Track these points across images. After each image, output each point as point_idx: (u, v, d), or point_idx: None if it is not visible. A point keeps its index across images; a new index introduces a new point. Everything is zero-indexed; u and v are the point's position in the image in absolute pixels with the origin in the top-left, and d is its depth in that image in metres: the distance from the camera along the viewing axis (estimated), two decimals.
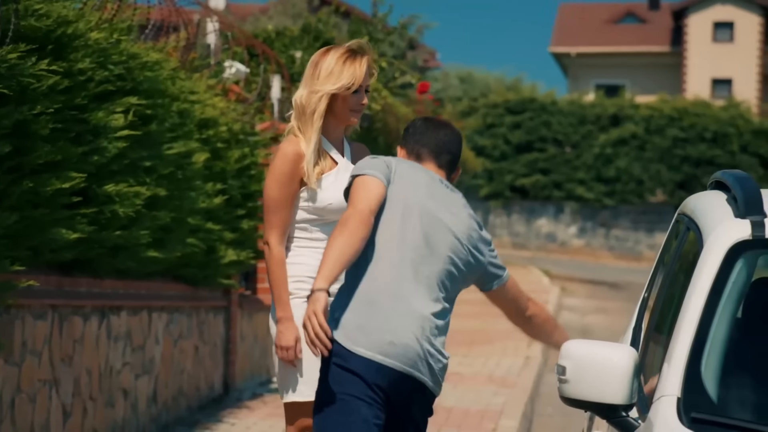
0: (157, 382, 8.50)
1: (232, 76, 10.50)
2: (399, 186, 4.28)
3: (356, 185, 4.25)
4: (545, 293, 23.39)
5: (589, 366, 3.76)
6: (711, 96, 45.67)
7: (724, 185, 4.28)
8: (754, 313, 4.01)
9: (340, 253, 4.04)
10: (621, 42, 49.46)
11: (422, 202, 4.27)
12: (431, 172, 4.41)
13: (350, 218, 4.11)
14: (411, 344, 4.13)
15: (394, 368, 4.11)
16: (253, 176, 10.15)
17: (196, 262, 9.05)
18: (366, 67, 4.78)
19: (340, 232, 4.07)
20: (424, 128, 4.51)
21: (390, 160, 4.36)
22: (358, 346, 4.09)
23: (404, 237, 4.21)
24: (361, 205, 4.16)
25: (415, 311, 4.16)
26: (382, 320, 4.12)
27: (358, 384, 4.08)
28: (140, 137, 7.16)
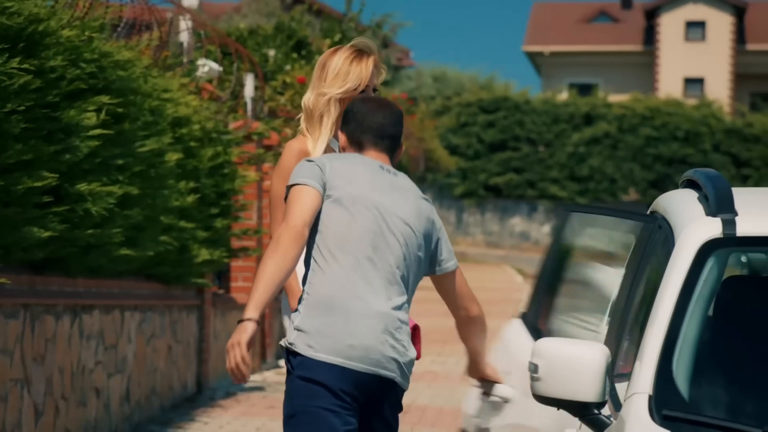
0: (129, 381, 8.48)
1: (205, 75, 10.48)
2: (339, 185, 4.19)
3: (290, 197, 4.16)
4: (518, 292, 23.44)
5: (561, 364, 3.76)
6: (683, 95, 45.88)
7: (696, 184, 4.29)
8: (725, 310, 4.02)
9: (270, 278, 3.98)
10: (594, 41, 49.62)
11: (367, 196, 4.20)
12: (370, 160, 4.30)
13: (282, 236, 4.04)
14: (373, 344, 4.09)
15: (357, 370, 4.08)
16: (227, 175, 10.13)
17: (169, 261, 9.03)
18: (372, 66, 4.71)
19: (273, 253, 4.01)
20: (363, 113, 4.38)
21: (323, 162, 4.24)
22: (318, 353, 4.06)
23: (354, 235, 4.15)
24: (295, 220, 4.08)
25: (373, 310, 4.12)
26: (341, 324, 4.08)
27: (324, 394, 4.04)
28: (112, 136, 7.14)
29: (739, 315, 3.95)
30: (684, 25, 47.73)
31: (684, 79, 47.63)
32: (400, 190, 4.29)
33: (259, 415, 9.53)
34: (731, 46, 47.58)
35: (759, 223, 3.87)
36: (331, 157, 4.30)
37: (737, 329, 3.92)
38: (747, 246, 3.91)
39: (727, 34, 47.56)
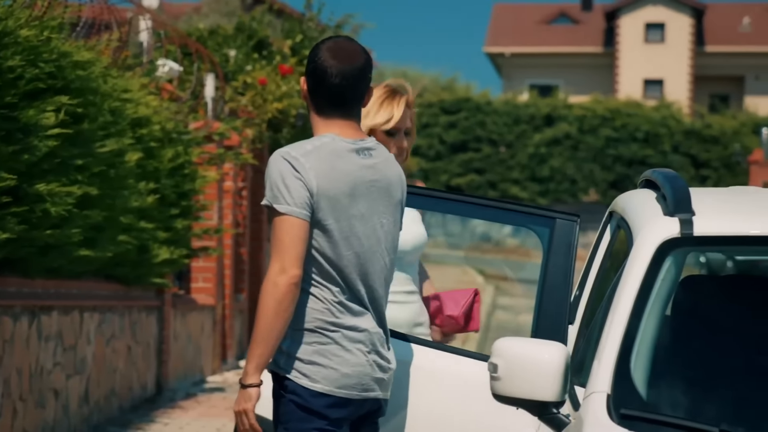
0: (88, 383, 8.44)
1: (165, 75, 10.44)
2: (325, 207, 3.94)
3: (284, 230, 3.87)
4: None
5: (520, 363, 3.77)
6: (643, 96, 46.15)
7: (654, 184, 4.32)
8: (682, 310, 4.05)
9: (271, 335, 3.86)
10: (554, 42, 49.82)
11: (352, 213, 3.99)
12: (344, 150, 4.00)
13: (280, 286, 3.83)
14: (363, 369, 4.04)
15: (351, 398, 4.06)
16: (187, 175, 10.10)
17: (129, 262, 8.99)
18: (404, 106, 4.58)
19: (272, 307, 3.83)
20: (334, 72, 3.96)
21: (309, 176, 3.90)
22: (314, 384, 4.02)
23: (343, 262, 3.99)
24: (294, 268, 3.86)
25: (360, 333, 4.10)
26: (335, 352, 4.02)
27: (318, 421, 4.00)
28: (72, 136, 7.10)
29: (696, 314, 3.98)
30: (644, 27, 47.99)
31: (644, 81, 47.90)
32: (377, 172, 4.05)
33: (220, 416, 9.51)
34: (690, 47, 47.87)
35: (716, 222, 3.90)
36: (317, 163, 3.93)
37: (695, 328, 3.95)
38: (704, 245, 3.94)
39: (687, 35, 47.86)
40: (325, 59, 3.98)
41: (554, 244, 4.46)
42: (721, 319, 3.93)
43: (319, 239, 3.97)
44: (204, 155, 10.86)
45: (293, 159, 3.90)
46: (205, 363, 11.84)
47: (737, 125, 41.73)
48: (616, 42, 48.17)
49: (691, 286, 4.08)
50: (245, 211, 13.47)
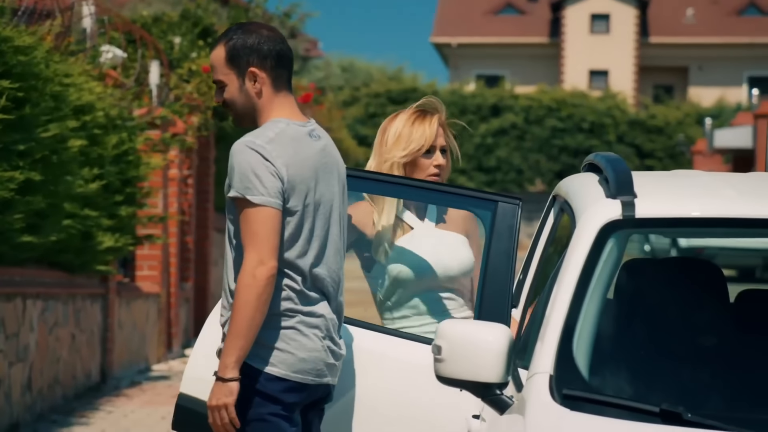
0: (31, 370, 8.37)
1: (108, 61, 10.36)
2: (294, 194, 3.93)
3: (259, 221, 3.83)
4: None
5: (463, 345, 3.78)
6: (588, 87, 46.41)
7: (597, 167, 4.34)
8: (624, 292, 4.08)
9: (252, 332, 3.84)
10: (501, 33, 49.96)
11: (312, 193, 3.98)
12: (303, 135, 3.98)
13: (259, 278, 3.82)
14: (319, 355, 4.04)
15: (307, 383, 4.06)
16: (131, 162, 10.03)
17: (73, 248, 8.92)
18: (437, 125, 4.48)
19: (252, 300, 3.80)
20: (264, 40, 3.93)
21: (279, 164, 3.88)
22: (271, 368, 3.99)
23: (307, 246, 3.98)
24: (271, 259, 3.84)
25: (317, 319, 4.06)
26: (290, 337, 4.00)
27: (273, 406, 3.99)
28: (13, 121, 7.03)
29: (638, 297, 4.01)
30: (589, 18, 48.24)
31: (589, 71, 48.16)
32: (330, 164, 4.05)
33: (165, 404, 9.47)
34: (635, 38, 48.19)
35: (658, 204, 3.93)
36: (283, 150, 3.91)
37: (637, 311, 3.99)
38: (646, 227, 3.97)
39: (631, 26, 48.17)
40: (277, 40, 3.97)
41: (496, 227, 4.47)
42: (662, 301, 3.97)
43: (287, 228, 3.93)
44: (149, 141, 10.79)
45: (260, 148, 3.86)
46: (150, 351, 11.78)
47: (681, 116, 42.09)
48: (561, 33, 48.39)
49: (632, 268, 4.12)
50: (191, 199, 13.41)
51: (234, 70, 3.90)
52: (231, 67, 3.90)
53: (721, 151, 30.93)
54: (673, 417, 3.40)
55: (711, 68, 48.68)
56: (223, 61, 3.89)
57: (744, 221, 3.83)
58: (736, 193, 4.07)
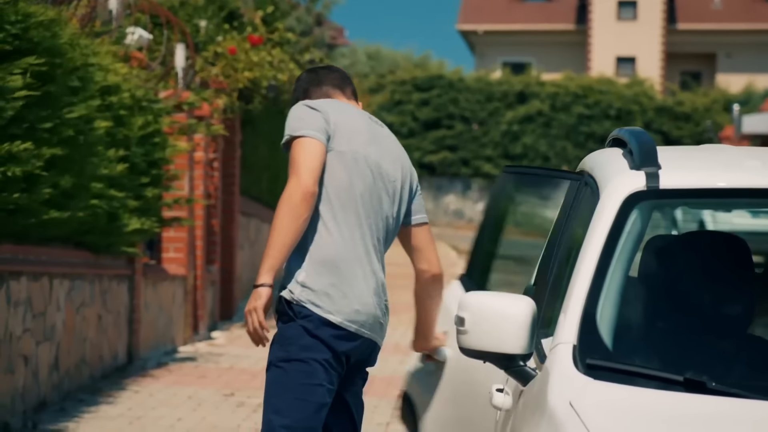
0: (59, 350, 8.41)
1: (134, 43, 10.38)
2: (341, 138, 4.14)
3: (298, 149, 4.07)
4: (452, 267, 23.53)
5: (487, 316, 3.79)
6: (615, 74, 46.20)
7: (622, 142, 4.34)
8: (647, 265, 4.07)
9: (284, 242, 3.99)
10: (527, 20, 49.79)
11: (366, 152, 4.17)
12: (361, 111, 4.29)
13: (295, 196, 4.00)
14: (373, 311, 4.15)
15: (360, 335, 4.12)
16: (157, 144, 10.05)
17: (99, 229, 8.95)
18: None
19: (288, 214, 3.98)
20: (315, 74, 4.40)
21: (327, 110, 4.15)
22: (327, 314, 4.08)
23: (355, 195, 4.14)
24: (306, 178, 4.02)
25: (373, 275, 4.18)
26: (348, 287, 4.10)
27: (323, 351, 4.08)
28: (39, 98, 7.04)
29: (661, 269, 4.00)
30: (616, 4, 48.02)
31: (616, 58, 47.95)
32: (388, 142, 4.28)
33: (191, 385, 9.51)
34: (662, 25, 47.95)
35: (682, 176, 3.92)
36: (331, 106, 4.20)
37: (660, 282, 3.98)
38: (670, 198, 3.95)
39: (659, 13, 47.93)
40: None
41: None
42: (685, 273, 3.96)
43: (335, 169, 4.12)
44: (174, 125, 10.81)
45: (309, 102, 4.18)
46: (176, 333, 11.82)
47: (709, 102, 41.86)
48: (588, 19, 48.18)
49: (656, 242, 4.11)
50: (216, 182, 13.44)
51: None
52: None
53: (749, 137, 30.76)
54: (697, 386, 3.40)
55: (739, 54, 48.41)
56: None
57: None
58: (761, 164, 4.05)
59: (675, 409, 3.32)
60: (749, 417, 3.27)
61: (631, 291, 3.81)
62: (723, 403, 3.34)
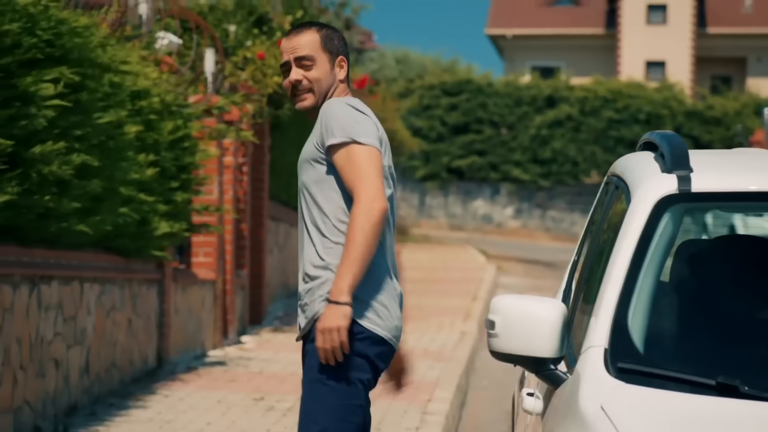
0: (89, 354, 8.44)
1: (164, 48, 10.41)
2: (385, 152, 4.13)
3: (367, 159, 4.00)
4: (481, 271, 23.49)
5: (517, 320, 3.78)
6: (645, 78, 46.05)
7: (653, 145, 4.32)
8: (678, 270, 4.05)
9: (367, 258, 3.93)
10: (556, 24, 49.71)
11: (388, 164, 4.18)
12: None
13: (375, 213, 3.94)
14: (401, 325, 4.16)
15: (395, 350, 4.14)
16: (187, 148, 10.08)
17: (129, 234, 8.98)
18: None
19: (369, 231, 3.92)
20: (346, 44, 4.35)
21: (373, 118, 4.14)
22: (379, 330, 4.06)
23: (392, 209, 4.15)
24: (382, 195, 3.98)
25: (399, 288, 4.18)
26: (389, 302, 4.09)
27: (367, 371, 4.05)
28: (70, 106, 7.08)
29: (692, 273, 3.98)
30: (645, 8, 47.88)
31: (645, 62, 47.80)
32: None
33: (220, 389, 9.52)
34: (692, 29, 47.77)
35: (714, 179, 3.90)
36: (371, 112, 4.19)
37: (691, 286, 3.96)
38: (702, 202, 3.93)
39: (688, 17, 47.75)
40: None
41: None
42: (716, 277, 3.93)
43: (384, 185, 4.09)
44: (204, 130, 10.84)
45: (356, 103, 4.15)
46: (206, 337, 11.85)
47: (739, 106, 41.66)
48: (617, 23, 48.06)
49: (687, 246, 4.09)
50: (246, 186, 13.47)
51: (327, 55, 4.20)
52: (325, 51, 4.21)
53: None
54: (730, 390, 3.38)
55: None
56: (318, 45, 4.20)
57: None
58: None
59: (707, 413, 3.30)
60: None
61: (662, 295, 3.79)
62: (755, 407, 3.32)
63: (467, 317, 15.41)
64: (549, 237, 40.46)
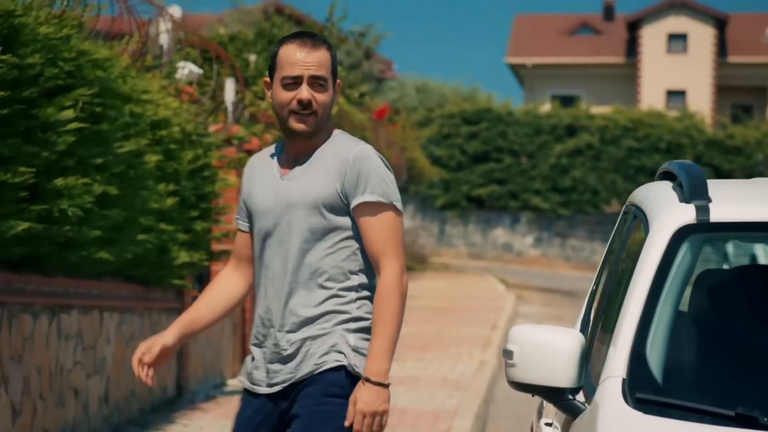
0: (108, 383, 8.45)
1: (184, 77, 10.47)
2: None
3: (398, 228, 3.88)
4: (501, 300, 23.46)
5: (536, 350, 3.78)
6: (665, 107, 46.05)
7: (672, 175, 4.32)
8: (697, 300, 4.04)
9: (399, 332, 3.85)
10: (576, 53, 49.78)
11: None
12: None
13: (403, 285, 3.85)
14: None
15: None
16: (207, 178, 10.11)
17: (149, 263, 9.00)
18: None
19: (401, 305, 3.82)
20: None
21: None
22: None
23: None
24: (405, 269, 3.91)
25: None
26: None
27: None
28: (91, 135, 7.12)
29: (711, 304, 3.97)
30: (666, 38, 47.91)
31: (666, 91, 47.80)
32: None
33: None
34: (713, 58, 47.77)
35: (732, 209, 3.89)
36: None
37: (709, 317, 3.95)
38: (720, 232, 3.93)
39: (709, 46, 47.76)
40: None
41: None
42: (735, 308, 3.92)
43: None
44: (224, 159, 10.88)
45: (384, 159, 3.97)
46: (225, 366, 11.85)
47: (760, 135, 41.59)
48: (638, 52, 48.09)
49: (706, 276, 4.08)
50: None
51: (332, 77, 3.95)
52: (332, 73, 3.94)
53: None
54: (749, 421, 3.36)
55: None
56: (330, 65, 3.91)
57: None
58: None
59: None
60: None
61: (680, 325, 3.78)
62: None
63: (486, 346, 15.38)
64: (569, 266, 40.36)
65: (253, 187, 4.00)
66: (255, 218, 3.99)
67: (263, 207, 3.95)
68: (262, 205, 3.95)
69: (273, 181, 3.95)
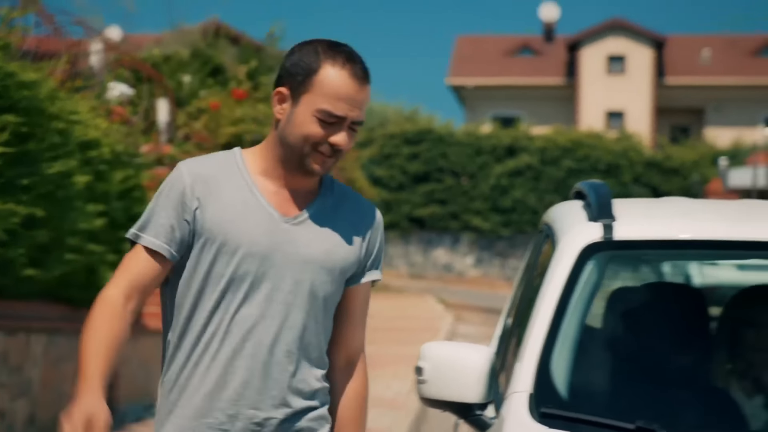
0: (35, 405, 8.40)
1: (115, 98, 10.47)
2: None
3: None
4: (439, 320, 23.55)
5: (445, 366, 3.83)
6: (605, 127, 46.45)
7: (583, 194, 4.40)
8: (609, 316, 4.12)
9: None
10: (517, 74, 50.12)
11: None
12: None
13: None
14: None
15: None
16: (137, 198, 10.10)
17: (77, 283, 8.97)
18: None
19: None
20: None
21: None
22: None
23: None
24: None
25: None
26: None
27: None
28: (18, 156, 7.10)
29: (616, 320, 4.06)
30: (605, 59, 48.37)
31: (606, 112, 48.23)
32: None
33: None
34: (651, 80, 48.28)
35: (635, 227, 3.98)
36: None
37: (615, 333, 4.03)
38: (625, 249, 4.01)
39: (648, 68, 48.27)
40: None
41: None
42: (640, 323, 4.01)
43: None
44: (155, 179, 10.87)
45: None
46: (155, 388, 11.82)
47: (696, 156, 42.09)
48: (577, 74, 48.52)
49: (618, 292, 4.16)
50: None
51: None
52: None
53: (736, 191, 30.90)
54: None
55: (728, 109, 48.71)
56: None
57: (719, 243, 3.87)
58: (716, 216, 4.12)
59: None
60: None
61: (587, 341, 3.85)
62: None
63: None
64: (509, 286, 40.56)
65: (223, 212, 3.13)
66: (225, 256, 3.13)
67: (252, 249, 3.13)
68: (252, 246, 3.13)
69: (269, 220, 3.15)
